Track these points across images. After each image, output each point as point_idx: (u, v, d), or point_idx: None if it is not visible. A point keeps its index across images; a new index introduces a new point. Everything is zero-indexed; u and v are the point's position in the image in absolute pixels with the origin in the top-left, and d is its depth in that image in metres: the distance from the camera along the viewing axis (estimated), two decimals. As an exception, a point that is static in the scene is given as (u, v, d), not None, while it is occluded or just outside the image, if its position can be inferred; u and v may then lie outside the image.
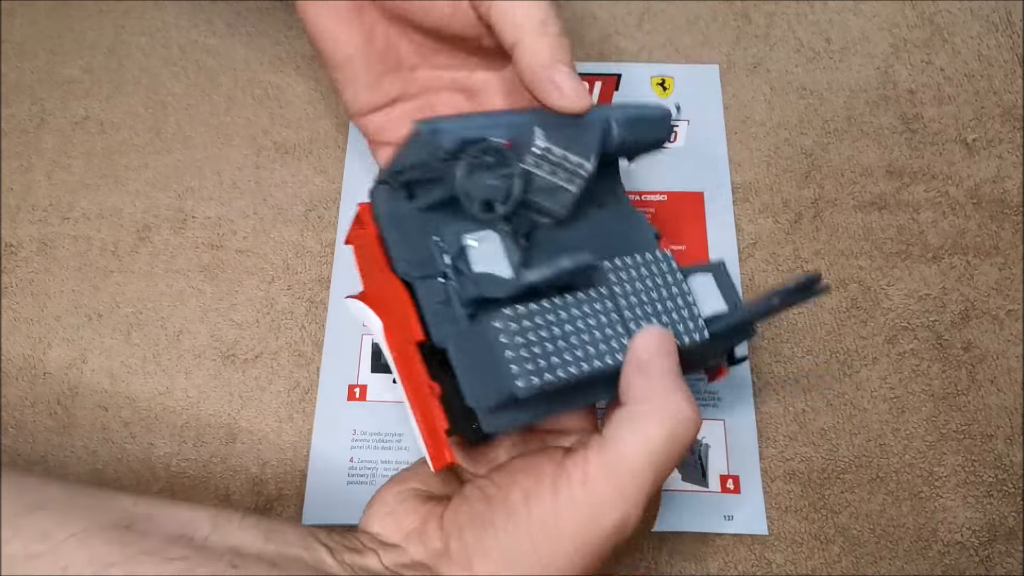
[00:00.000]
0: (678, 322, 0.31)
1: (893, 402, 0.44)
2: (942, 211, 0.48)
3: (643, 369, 0.28)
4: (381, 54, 0.38)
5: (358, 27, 0.38)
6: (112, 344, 0.45)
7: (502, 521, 0.27)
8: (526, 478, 0.28)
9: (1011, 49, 0.53)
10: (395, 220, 0.32)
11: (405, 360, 0.31)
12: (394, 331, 0.31)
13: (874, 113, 0.51)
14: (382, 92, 0.39)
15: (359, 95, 0.39)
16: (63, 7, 0.54)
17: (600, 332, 0.29)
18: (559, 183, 0.32)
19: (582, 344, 0.29)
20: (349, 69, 0.38)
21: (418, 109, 0.40)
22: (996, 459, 0.43)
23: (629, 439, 0.27)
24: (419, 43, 0.39)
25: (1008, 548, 0.41)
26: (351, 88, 0.39)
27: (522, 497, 0.27)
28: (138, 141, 0.50)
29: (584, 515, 0.26)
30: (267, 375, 0.44)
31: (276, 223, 0.48)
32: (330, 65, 0.39)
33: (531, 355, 0.27)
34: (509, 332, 0.27)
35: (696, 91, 0.52)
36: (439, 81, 0.40)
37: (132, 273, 0.46)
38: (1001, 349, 0.45)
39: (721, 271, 0.34)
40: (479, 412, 0.29)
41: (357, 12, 0.37)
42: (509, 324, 0.27)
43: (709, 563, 0.41)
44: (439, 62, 0.39)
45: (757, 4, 0.55)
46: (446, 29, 0.36)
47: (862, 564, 0.41)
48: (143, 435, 0.43)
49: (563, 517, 0.26)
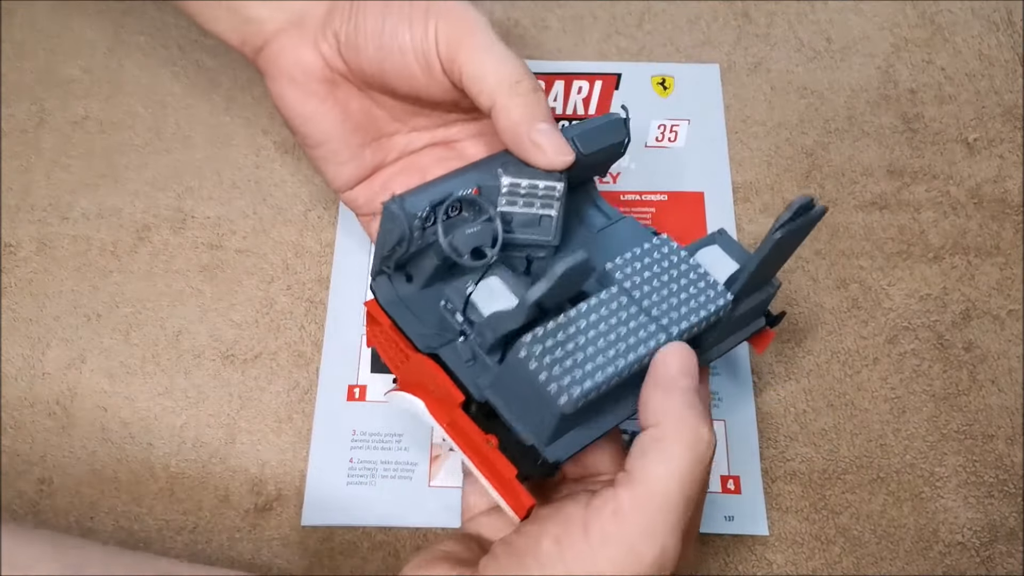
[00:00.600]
0: (698, 295, 0.31)
1: (894, 402, 0.44)
2: (943, 211, 0.48)
3: (663, 386, 0.28)
4: (358, 127, 0.38)
5: (333, 104, 0.37)
6: (111, 344, 0.45)
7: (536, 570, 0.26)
8: (555, 525, 0.27)
9: (1012, 49, 0.53)
10: (401, 304, 0.33)
11: (456, 426, 0.31)
12: (436, 404, 0.32)
13: (875, 113, 0.51)
14: (363, 164, 0.39)
15: (341, 171, 0.39)
16: (63, 7, 0.53)
17: (625, 327, 0.29)
18: (538, 212, 0.33)
19: (610, 344, 0.29)
20: (328, 147, 0.38)
21: (401, 171, 0.40)
22: (997, 459, 0.42)
23: (655, 469, 0.26)
24: (395, 109, 0.39)
25: (1009, 548, 0.41)
26: (332, 165, 0.39)
27: (554, 543, 0.26)
28: (138, 141, 0.50)
29: (620, 551, 0.25)
30: (267, 375, 0.44)
31: (276, 223, 0.48)
32: (309, 144, 0.39)
33: (565, 369, 0.27)
34: (536, 356, 0.27)
35: (696, 91, 0.52)
36: (418, 141, 0.40)
37: (131, 273, 0.46)
38: (1002, 349, 0.45)
39: (724, 237, 0.35)
40: (539, 445, 0.29)
41: (331, 89, 0.37)
42: (533, 348, 0.27)
43: (709, 563, 0.40)
44: (417, 124, 0.40)
45: (757, 4, 0.55)
46: (423, 95, 0.36)
47: (863, 564, 0.40)
48: (142, 435, 0.43)
49: (599, 555, 0.25)
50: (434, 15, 0.34)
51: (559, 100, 0.51)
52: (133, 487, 0.41)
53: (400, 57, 0.34)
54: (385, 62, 0.35)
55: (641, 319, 0.30)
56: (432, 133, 0.40)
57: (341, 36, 0.35)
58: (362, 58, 0.35)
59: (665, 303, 0.31)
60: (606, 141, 0.34)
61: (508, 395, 0.29)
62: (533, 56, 0.52)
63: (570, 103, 0.51)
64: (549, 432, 0.28)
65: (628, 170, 0.50)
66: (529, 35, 0.53)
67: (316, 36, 0.36)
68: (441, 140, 0.40)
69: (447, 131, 0.40)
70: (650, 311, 0.30)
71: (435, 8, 0.34)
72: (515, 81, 0.33)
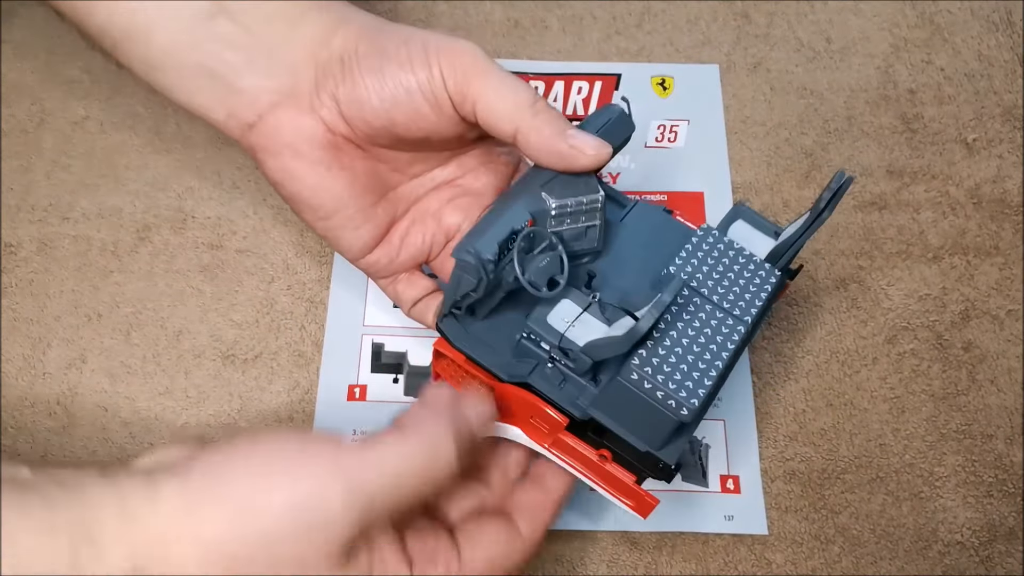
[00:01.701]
0: (752, 278, 0.34)
1: (893, 402, 0.44)
2: (942, 211, 0.48)
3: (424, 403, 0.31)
4: (367, 187, 0.37)
5: (340, 170, 0.36)
6: (112, 344, 0.45)
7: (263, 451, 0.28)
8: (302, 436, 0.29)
9: (1011, 49, 0.53)
10: (474, 339, 0.34)
11: (562, 446, 0.33)
12: (534, 429, 0.34)
13: (874, 113, 0.51)
14: (376, 224, 0.38)
15: (358, 236, 0.38)
16: (63, 7, 0.53)
17: (709, 328, 0.32)
18: (584, 225, 0.35)
19: (703, 347, 0.31)
20: (342, 215, 0.37)
21: (415, 223, 0.39)
22: (996, 459, 0.43)
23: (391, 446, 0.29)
24: (395, 161, 0.38)
25: (1008, 548, 0.41)
26: (348, 232, 0.38)
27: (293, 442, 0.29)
28: (138, 141, 0.50)
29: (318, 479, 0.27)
30: (267, 375, 0.44)
31: (276, 223, 0.48)
32: (320, 216, 0.37)
33: (676, 382, 0.30)
34: (649, 376, 0.30)
35: (696, 91, 0.52)
36: (422, 187, 0.39)
37: (132, 273, 0.46)
38: (1001, 349, 0.45)
39: (747, 211, 0.37)
40: (656, 452, 0.32)
41: (336, 155, 0.36)
42: (644, 370, 0.30)
43: (709, 563, 0.40)
44: (416, 170, 0.39)
45: (757, 4, 0.55)
46: (433, 135, 0.36)
47: (862, 564, 0.41)
48: (143, 435, 0.43)
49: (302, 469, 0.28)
50: (434, 54, 0.34)
51: (559, 100, 0.51)
52: (134, 487, 0.41)
53: (408, 101, 0.34)
54: (393, 111, 0.34)
55: (718, 315, 0.33)
56: (432, 175, 0.39)
57: (340, 96, 0.34)
58: (367, 112, 0.34)
59: (730, 293, 0.34)
60: (621, 136, 0.35)
61: (615, 411, 0.32)
62: (533, 56, 0.52)
63: (570, 103, 0.51)
64: (663, 439, 0.31)
65: (628, 170, 0.50)
66: (529, 35, 0.53)
67: (312, 103, 0.35)
68: (443, 181, 0.39)
69: (444, 171, 0.39)
70: (722, 304, 0.33)
71: (433, 48, 0.34)
72: (531, 103, 0.33)
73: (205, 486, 0.27)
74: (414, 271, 0.40)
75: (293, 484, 0.27)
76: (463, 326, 0.34)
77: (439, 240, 0.39)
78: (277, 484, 0.27)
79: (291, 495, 0.27)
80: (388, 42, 0.34)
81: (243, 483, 0.27)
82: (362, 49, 0.34)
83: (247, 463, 0.27)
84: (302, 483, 0.27)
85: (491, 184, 0.39)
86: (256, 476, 0.27)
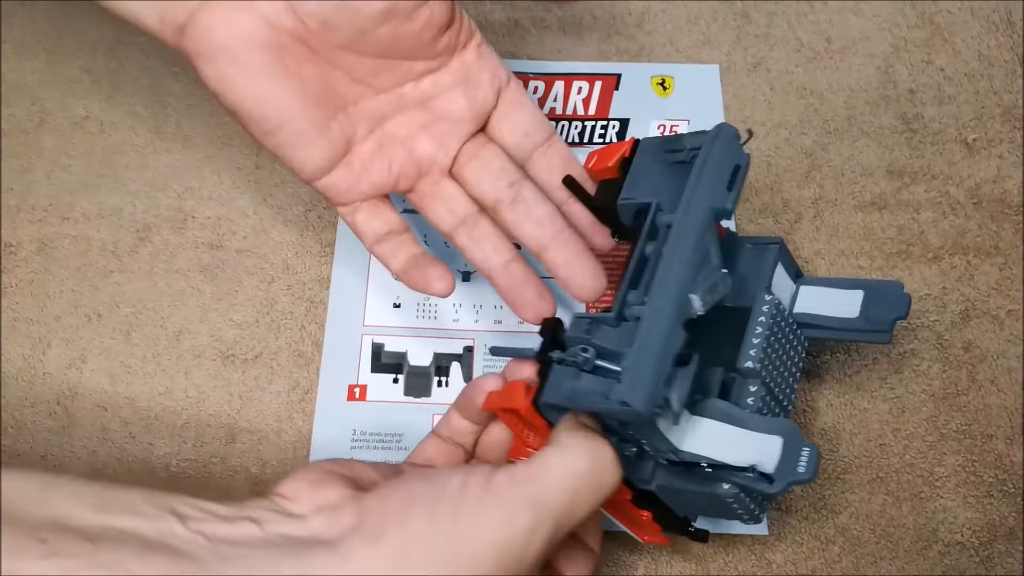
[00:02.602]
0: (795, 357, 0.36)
1: (893, 402, 0.44)
2: (942, 211, 0.48)
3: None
4: (319, 98, 0.33)
5: (286, 75, 0.32)
6: (112, 344, 0.45)
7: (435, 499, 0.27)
8: (467, 473, 0.28)
9: (1011, 49, 0.53)
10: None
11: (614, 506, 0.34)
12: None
13: (874, 113, 0.51)
14: (332, 142, 0.34)
15: (309, 155, 0.34)
16: (63, 7, 0.53)
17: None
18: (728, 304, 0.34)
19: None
20: (290, 127, 0.33)
21: (380, 148, 0.35)
22: (996, 459, 0.43)
23: (554, 456, 0.28)
24: (355, 68, 0.33)
25: (1008, 548, 0.41)
26: (298, 149, 0.33)
27: (460, 486, 0.27)
28: (138, 141, 0.50)
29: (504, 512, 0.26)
30: (267, 375, 0.44)
31: (276, 223, 0.48)
32: (266, 131, 0.33)
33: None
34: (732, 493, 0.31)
35: (696, 91, 0.52)
36: (388, 105, 0.35)
37: (132, 273, 0.46)
38: (1001, 349, 0.45)
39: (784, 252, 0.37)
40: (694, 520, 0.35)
41: (279, 57, 0.31)
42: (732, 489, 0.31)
43: (709, 563, 0.41)
44: (382, 83, 0.34)
45: (757, 4, 0.55)
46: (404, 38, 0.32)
47: (862, 564, 0.41)
48: (143, 435, 0.43)
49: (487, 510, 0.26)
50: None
51: (559, 100, 0.51)
52: (134, 487, 0.41)
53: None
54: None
55: (775, 409, 0.34)
56: (401, 91, 0.35)
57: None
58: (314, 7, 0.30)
59: (784, 382, 0.35)
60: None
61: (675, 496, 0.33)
62: (533, 56, 0.52)
63: (570, 103, 0.51)
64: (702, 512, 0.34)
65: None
66: (529, 35, 0.53)
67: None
68: (413, 100, 0.35)
69: (417, 87, 0.35)
70: (778, 397, 0.34)
71: None
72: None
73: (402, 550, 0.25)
74: (379, 201, 0.36)
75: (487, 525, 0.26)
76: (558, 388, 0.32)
77: (409, 171, 0.36)
78: (471, 529, 0.26)
79: (490, 535, 0.26)
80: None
81: (440, 538, 0.26)
82: None
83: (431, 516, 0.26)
84: (491, 520, 0.26)
85: (470, 110, 0.35)
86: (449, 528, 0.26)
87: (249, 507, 0.27)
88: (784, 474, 0.29)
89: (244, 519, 0.26)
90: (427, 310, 0.46)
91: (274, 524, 0.26)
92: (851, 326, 0.35)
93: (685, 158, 0.34)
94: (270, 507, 0.28)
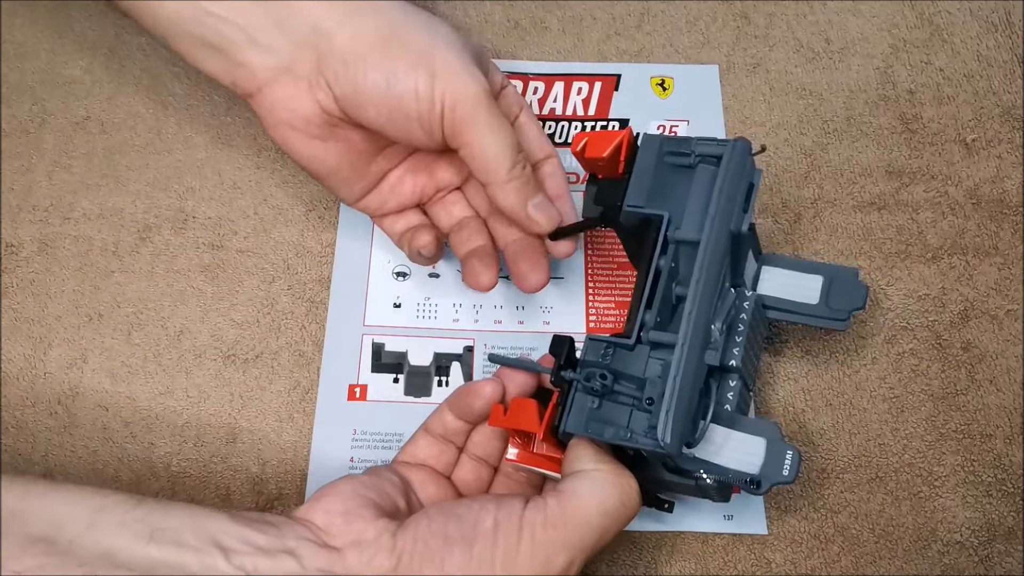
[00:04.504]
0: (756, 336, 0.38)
1: (892, 402, 0.44)
2: (941, 211, 0.49)
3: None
4: (363, 152, 0.40)
5: (335, 142, 0.39)
6: (112, 344, 0.45)
7: (470, 542, 0.29)
8: (499, 510, 0.30)
9: (1010, 49, 0.53)
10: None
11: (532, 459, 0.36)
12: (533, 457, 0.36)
13: (873, 113, 0.51)
14: (369, 181, 0.41)
15: (352, 192, 0.41)
16: (64, 7, 0.54)
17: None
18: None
19: None
20: (335, 178, 0.40)
21: (408, 171, 0.42)
22: (995, 459, 0.43)
23: (586, 494, 0.31)
24: None
25: (1007, 548, 0.41)
26: (341, 190, 0.41)
27: (493, 526, 0.29)
28: (139, 141, 0.50)
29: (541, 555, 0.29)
30: (267, 375, 0.44)
31: (276, 223, 0.48)
32: (317, 176, 0.40)
33: None
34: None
35: (696, 91, 0.52)
36: None
37: (133, 273, 0.46)
38: (1000, 349, 0.45)
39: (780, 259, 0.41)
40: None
41: (332, 130, 0.38)
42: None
43: (709, 563, 0.41)
44: None
45: (757, 4, 0.55)
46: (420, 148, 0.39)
47: (861, 564, 0.41)
48: (143, 435, 0.43)
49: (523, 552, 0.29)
50: (440, 87, 0.35)
51: (559, 101, 0.51)
52: (134, 486, 0.42)
53: (404, 122, 0.36)
54: (387, 126, 0.36)
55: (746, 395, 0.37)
56: None
57: (338, 94, 0.36)
58: (362, 116, 0.36)
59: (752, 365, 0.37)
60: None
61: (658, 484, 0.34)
62: (533, 56, 0.53)
63: (570, 104, 0.51)
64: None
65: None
66: (529, 35, 0.53)
67: (310, 83, 0.37)
68: None
69: None
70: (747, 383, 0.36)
71: (440, 81, 0.35)
72: (510, 167, 0.36)
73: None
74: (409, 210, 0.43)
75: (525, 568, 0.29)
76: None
77: (428, 191, 0.43)
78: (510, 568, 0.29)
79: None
80: (399, 61, 0.35)
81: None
82: (371, 59, 0.35)
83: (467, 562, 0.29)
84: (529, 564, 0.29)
85: None
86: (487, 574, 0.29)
87: (287, 535, 0.29)
88: (769, 476, 0.31)
89: (283, 552, 0.28)
90: (427, 310, 0.46)
91: (312, 559, 0.28)
92: (812, 312, 0.38)
93: (692, 163, 0.35)
94: (307, 536, 0.29)
